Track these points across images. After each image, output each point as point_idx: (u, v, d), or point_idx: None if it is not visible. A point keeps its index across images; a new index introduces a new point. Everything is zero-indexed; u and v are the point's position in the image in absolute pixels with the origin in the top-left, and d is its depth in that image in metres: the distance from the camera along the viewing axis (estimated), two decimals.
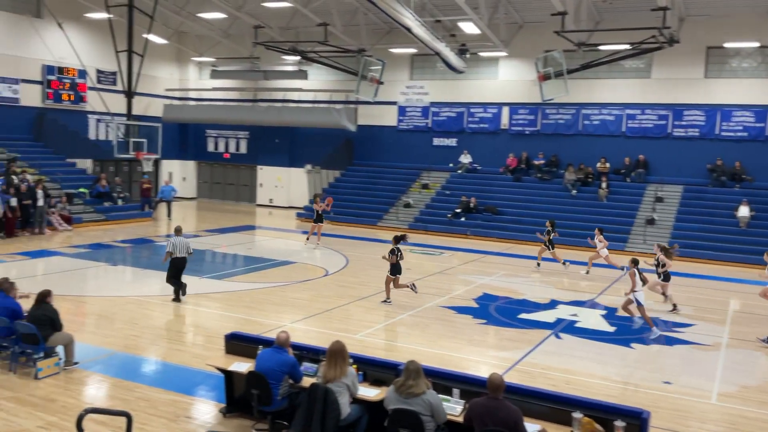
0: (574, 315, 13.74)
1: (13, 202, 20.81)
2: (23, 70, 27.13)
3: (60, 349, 9.26)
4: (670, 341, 12.27)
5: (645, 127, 26.55)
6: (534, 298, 15.44)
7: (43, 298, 9.29)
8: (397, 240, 14.18)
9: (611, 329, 12.90)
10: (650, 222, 23.98)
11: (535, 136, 28.41)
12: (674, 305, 14.38)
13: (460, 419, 6.39)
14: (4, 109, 26.52)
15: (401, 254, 14.02)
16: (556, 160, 27.70)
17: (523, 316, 13.67)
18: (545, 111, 28.04)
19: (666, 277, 14.42)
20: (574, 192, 26.37)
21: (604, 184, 25.93)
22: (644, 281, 12.60)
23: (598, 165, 26.70)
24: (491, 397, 6.03)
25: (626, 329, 12.88)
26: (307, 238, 21.57)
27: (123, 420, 5.26)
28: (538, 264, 19.28)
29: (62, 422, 7.50)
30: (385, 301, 14.14)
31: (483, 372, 8.81)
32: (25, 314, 9.28)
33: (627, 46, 23.43)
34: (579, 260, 19.48)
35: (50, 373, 8.93)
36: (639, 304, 12.43)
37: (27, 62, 27.24)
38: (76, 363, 9.35)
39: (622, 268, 17.70)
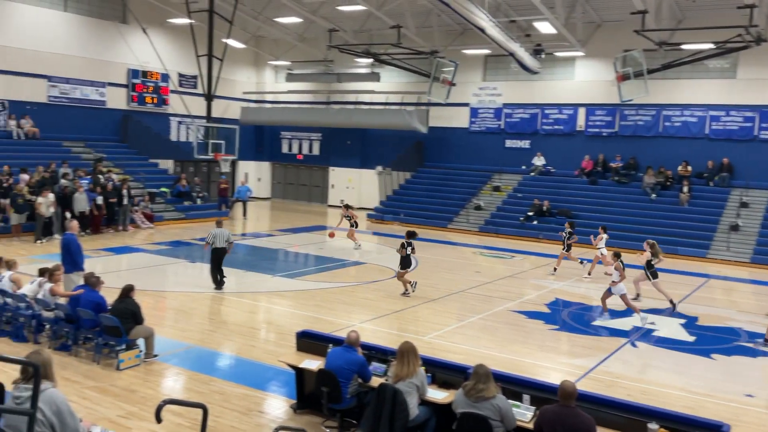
0: (652, 323, 13.27)
1: (99, 200, 21.83)
2: (110, 74, 28.47)
3: (141, 342, 9.65)
4: (754, 353, 11.70)
5: (730, 129, 25.39)
6: (609, 304, 15.00)
7: (127, 292, 9.70)
8: (410, 235, 14.91)
9: (691, 339, 12.40)
10: (734, 228, 22.91)
11: (612, 137, 27.63)
12: (673, 303, 14.46)
13: (530, 426, 6.29)
14: (92, 111, 27.91)
15: (413, 249, 14.82)
16: (634, 163, 26.85)
17: (598, 323, 13.33)
18: (623, 112, 27.25)
19: (654, 274, 14.59)
20: (653, 196, 25.49)
21: (685, 189, 24.93)
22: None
23: (680, 168, 25.72)
24: (563, 404, 5.90)
25: (707, 339, 12.37)
26: (359, 245, 21.36)
27: (199, 412, 5.42)
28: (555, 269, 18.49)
29: (141, 412, 7.80)
30: (404, 293, 14.70)
31: (554, 379, 8.63)
32: (109, 307, 9.71)
33: (711, 45, 22.49)
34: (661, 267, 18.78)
35: (131, 365, 9.32)
36: (609, 292, 13.27)
37: (113, 66, 28.57)
38: (155, 355, 9.72)
39: (581, 262, 18.53)
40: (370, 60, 29.55)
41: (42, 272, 10.81)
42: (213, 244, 14.35)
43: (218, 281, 14.51)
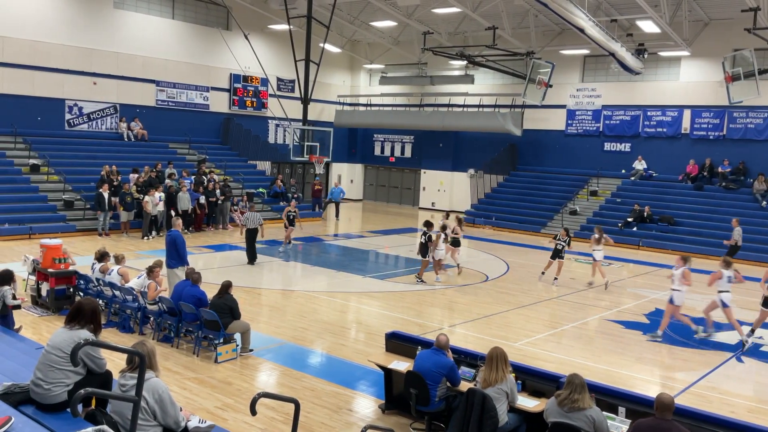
0: (760, 338, 12.49)
1: (202, 199, 22.79)
2: (213, 79, 29.74)
3: (237, 336, 10.00)
4: None
5: None
6: (714, 317, 14.23)
7: (226, 289, 10.06)
8: (426, 225, 16.37)
9: None
10: None
11: (719, 141, 26.20)
12: (458, 265, 17.56)
13: None
14: (196, 115, 29.24)
15: (429, 238, 16.16)
16: (743, 168, 25.35)
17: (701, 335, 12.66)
18: (732, 114, 25.78)
19: (455, 242, 17.64)
20: (764, 203, 23.96)
21: None
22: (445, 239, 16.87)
23: None
24: (659, 417, 5.64)
25: None
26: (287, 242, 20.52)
27: (291, 406, 5.55)
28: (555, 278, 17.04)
29: (237, 404, 8.08)
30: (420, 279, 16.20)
31: (652, 392, 8.28)
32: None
33: None
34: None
35: (228, 358, 9.67)
36: (438, 260, 16.44)
37: (216, 71, 29.82)
38: (251, 350, 10.05)
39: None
40: (464, 62, 29.37)
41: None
42: (246, 225, 17.14)
43: (252, 257, 17.13)
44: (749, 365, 10.95)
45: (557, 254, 16.85)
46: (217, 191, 23.45)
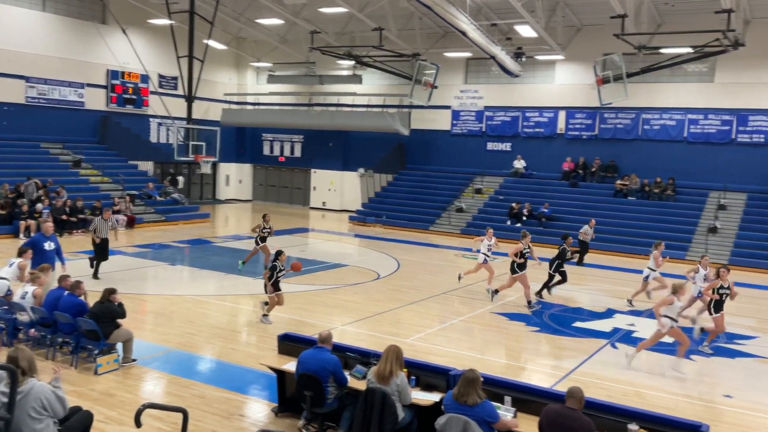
0: (632, 324, 13.40)
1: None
2: (89, 75, 28.19)
3: (119, 346, 9.52)
4: (732, 354, 11.84)
5: (708, 132, 25.73)
6: (590, 306, 15.14)
7: (108, 295, 9.51)
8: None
9: (670, 340, 12.46)
10: (712, 230, 23.21)
11: (592, 140, 27.88)
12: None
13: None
14: (70, 113, 27.60)
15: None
16: (614, 166, 27.11)
17: (578, 324, 13.41)
18: (603, 115, 27.49)
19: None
20: (632, 198, 25.76)
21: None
22: None
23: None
24: (567, 405, 5.92)
25: None
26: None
27: (179, 416, 5.36)
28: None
29: (121, 417, 7.70)
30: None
31: (535, 380, 8.69)
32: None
33: (689, 50, 22.75)
34: (636, 269, 18.94)
35: (109, 369, 9.19)
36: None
37: (92, 67, 28.29)
38: (134, 360, 9.59)
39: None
40: (352, 62, 29.54)
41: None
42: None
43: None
44: (622, 351, 11.68)
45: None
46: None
